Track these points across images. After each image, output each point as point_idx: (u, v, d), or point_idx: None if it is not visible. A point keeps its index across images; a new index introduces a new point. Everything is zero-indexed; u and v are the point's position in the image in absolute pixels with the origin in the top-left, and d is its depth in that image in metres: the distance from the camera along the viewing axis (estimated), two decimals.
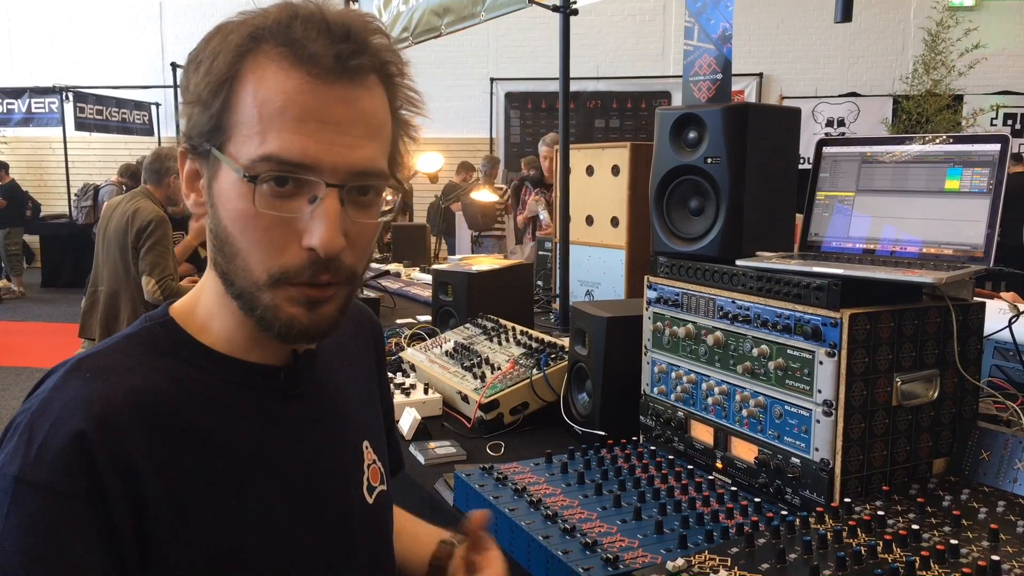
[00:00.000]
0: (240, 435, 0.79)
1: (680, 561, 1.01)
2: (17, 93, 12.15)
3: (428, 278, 3.59)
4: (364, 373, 1.03)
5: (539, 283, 3.49)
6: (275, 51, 0.74)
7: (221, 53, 0.75)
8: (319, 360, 0.89)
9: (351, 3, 4.10)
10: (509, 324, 2.18)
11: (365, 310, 1.08)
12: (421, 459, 1.63)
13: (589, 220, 2.83)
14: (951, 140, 1.35)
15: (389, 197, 0.84)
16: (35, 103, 12.13)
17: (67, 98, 11.74)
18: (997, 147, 1.29)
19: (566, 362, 1.83)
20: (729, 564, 1.01)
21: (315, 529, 0.84)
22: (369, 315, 1.09)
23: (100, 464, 0.69)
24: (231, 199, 0.75)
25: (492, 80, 12.35)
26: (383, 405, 1.08)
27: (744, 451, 1.36)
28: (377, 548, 0.96)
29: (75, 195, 11.44)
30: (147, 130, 12.65)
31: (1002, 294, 2.13)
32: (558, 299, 2.89)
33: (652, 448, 1.54)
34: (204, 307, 0.83)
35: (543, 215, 5.85)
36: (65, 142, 12.05)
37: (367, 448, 0.96)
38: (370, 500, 0.94)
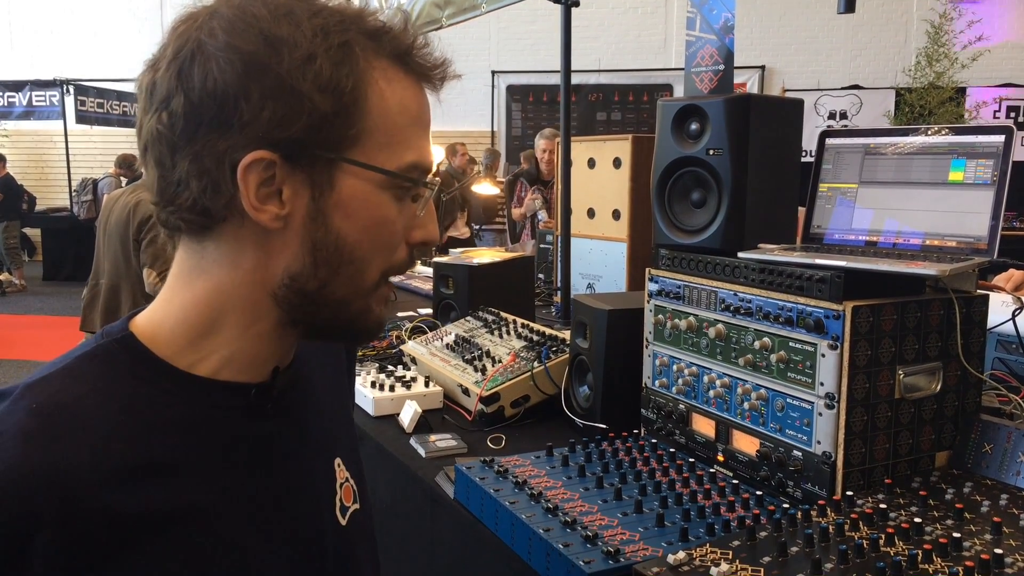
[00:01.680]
0: (206, 462, 0.74)
1: (681, 554, 1.01)
2: (18, 86, 12.13)
3: (429, 271, 3.58)
4: (337, 381, 0.99)
5: (540, 276, 3.48)
6: (393, 56, 0.76)
7: (339, 54, 0.71)
8: (296, 370, 0.85)
9: None
10: (510, 317, 2.17)
11: None
12: (422, 452, 1.63)
13: (591, 213, 2.82)
14: (955, 131, 1.34)
15: None
16: (36, 96, 12.12)
17: (68, 91, 11.72)
18: (1001, 138, 1.28)
19: (567, 355, 1.82)
20: (731, 557, 1.01)
21: (286, 557, 0.80)
22: None
23: (38, 548, 0.63)
24: (368, 207, 0.75)
25: (494, 73, 12.32)
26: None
27: (746, 444, 1.36)
28: (352, 574, 0.90)
29: (75, 191, 11.43)
30: None
31: (1011, 271, 2.08)
32: (559, 292, 2.88)
33: (653, 441, 1.53)
34: (182, 323, 0.76)
35: (541, 215, 5.71)
36: (66, 135, 12.03)
37: (339, 466, 0.91)
38: (343, 521, 0.89)
